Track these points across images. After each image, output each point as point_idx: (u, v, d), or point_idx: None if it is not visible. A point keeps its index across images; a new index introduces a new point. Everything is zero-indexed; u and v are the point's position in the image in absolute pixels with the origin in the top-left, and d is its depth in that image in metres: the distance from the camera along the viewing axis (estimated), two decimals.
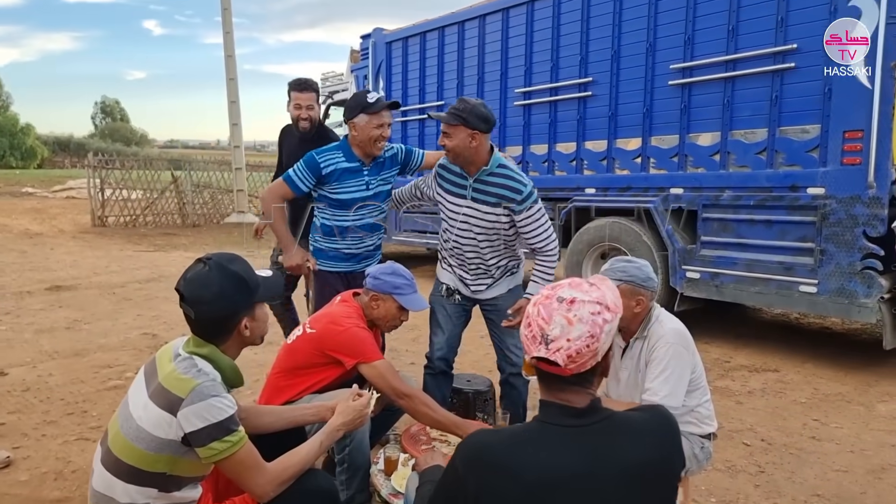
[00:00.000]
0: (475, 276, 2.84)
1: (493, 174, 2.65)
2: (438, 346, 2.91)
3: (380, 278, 2.44)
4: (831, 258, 4.26)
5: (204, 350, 1.64)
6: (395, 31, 7.85)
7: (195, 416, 1.50)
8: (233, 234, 13.97)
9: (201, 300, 1.61)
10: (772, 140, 4.54)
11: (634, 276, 2.21)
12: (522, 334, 1.21)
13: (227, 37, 15.61)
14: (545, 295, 1.21)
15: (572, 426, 1.16)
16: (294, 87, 3.62)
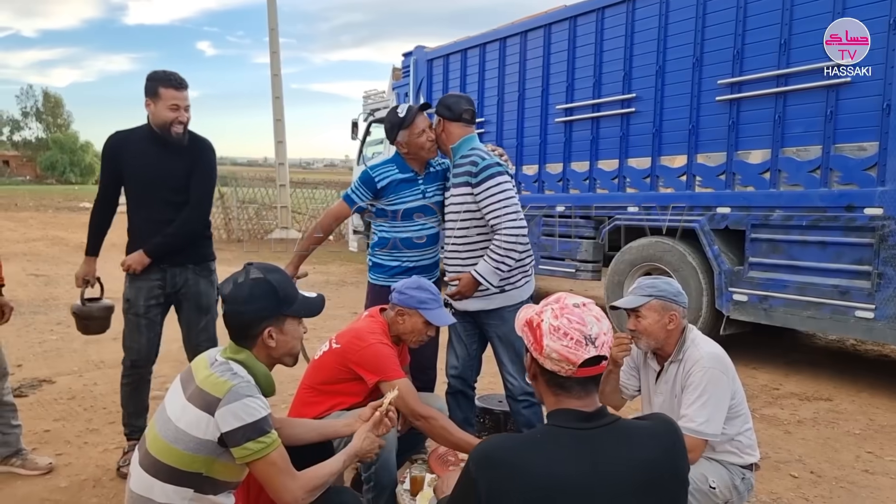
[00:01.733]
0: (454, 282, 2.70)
1: (464, 156, 2.67)
2: (452, 365, 2.85)
3: (405, 293, 2.41)
4: (890, 282, 4.02)
5: (240, 356, 1.70)
6: (436, 48, 7.92)
7: (231, 415, 1.55)
8: (275, 249, 14.24)
9: (232, 300, 1.70)
10: (826, 158, 4.35)
11: (665, 291, 2.12)
12: (560, 347, 1.23)
13: (273, 56, 16.08)
14: (557, 308, 1.26)
15: (581, 429, 1.21)
16: (166, 82, 2.83)
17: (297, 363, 1.85)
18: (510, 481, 1.13)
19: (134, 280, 2.92)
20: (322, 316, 1.89)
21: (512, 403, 2.76)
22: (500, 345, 2.70)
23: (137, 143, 2.91)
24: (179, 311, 3.04)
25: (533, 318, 1.29)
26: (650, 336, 2.15)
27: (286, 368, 1.84)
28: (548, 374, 1.26)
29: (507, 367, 2.70)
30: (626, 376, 2.38)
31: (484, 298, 2.64)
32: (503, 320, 2.65)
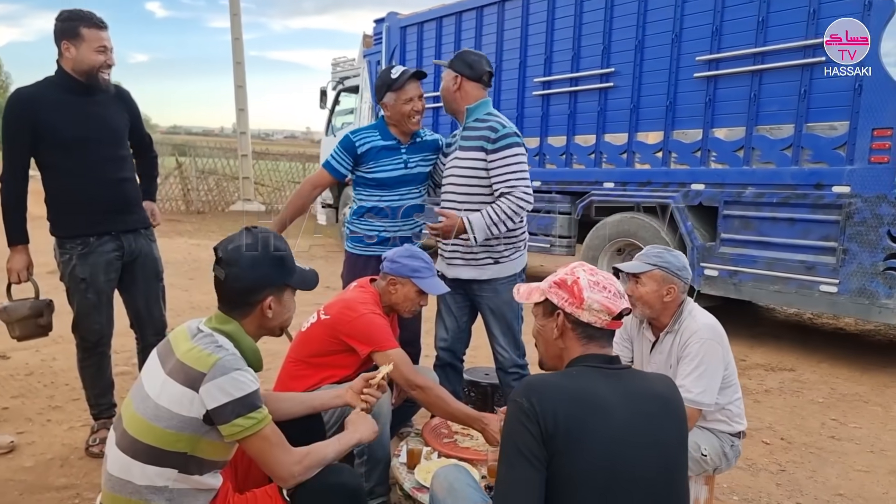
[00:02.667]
0: (452, 249, 2.65)
1: (480, 120, 2.61)
2: (441, 338, 2.82)
3: (398, 261, 2.36)
4: (854, 258, 4.18)
5: (228, 327, 1.59)
6: (410, 15, 7.74)
7: (218, 390, 1.45)
8: (239, 221, 13.89)
9: (236, 263, 1.59)
10: (798, 136, 4.46)
11: (669, 263, 2.14)
12: (602, 298, 1.37)
13: (234, 19, 15.48)
14: (587, 268, 1.43)
15: (608, 368, 1.37)
16: (89, 21, 2.53)
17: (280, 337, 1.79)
18: (556, 394, 1.27)
19: (86, 256, 2.63)
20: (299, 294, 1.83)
21: (502, 375, 2.76)
22: (491, 317, 2.68)
23: (56, 96, 2.53)
24: (133, 282, 2.80)
25: (564, 278, 1.42)
26: (646, 304, 2.17)
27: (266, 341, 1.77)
28: (581, 327, 1.39)
29: (499, 339, 2.69)
30: (618, 347, 2.40)
31: (477, 268, 2.61)
32: (496, 292, 2.63)
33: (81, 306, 2.70)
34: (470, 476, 1.64)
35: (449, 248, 2.66)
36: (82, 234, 2.63)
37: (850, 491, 2.76)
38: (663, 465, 1.30)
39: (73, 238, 2.63)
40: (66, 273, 2.66)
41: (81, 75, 2.55)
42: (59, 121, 2.53)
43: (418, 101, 2.72)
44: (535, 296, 1.48)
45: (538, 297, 1.46)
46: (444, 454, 2.10)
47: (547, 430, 1.23)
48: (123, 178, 2.71)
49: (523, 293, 1.53)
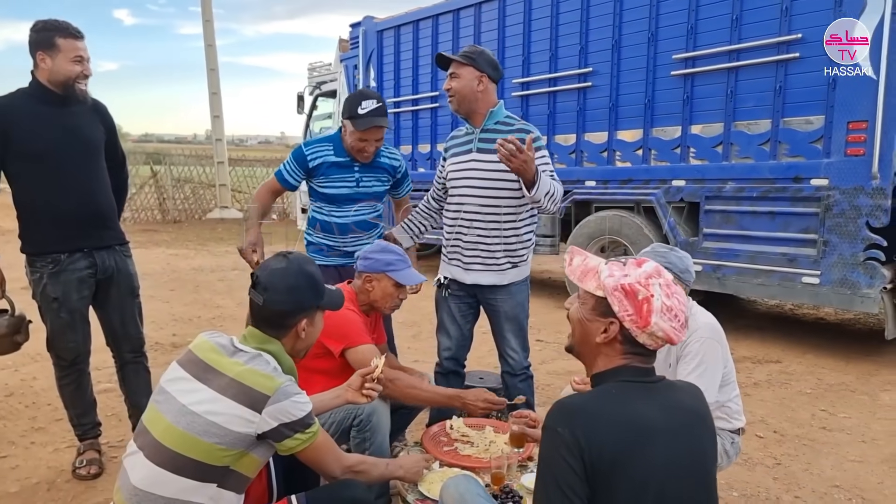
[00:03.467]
0: (472, 255, 2.59)
1: (502, 122, 2.57)
2: (445, 347, 2.78)
3: (371, 257, 2.35)
4: (834, 249, 4.26)
5: (271, 347, 1.67)
6: (386, 19, 7.71)
7: (282, 413, 1.54)
8: (216, 229, 13.71)
9: (275, 288, 1.67)
10: (775, 131, 4.53)
11: (672, 265, 2.14)
12: (668, 327, 1.26)
13: (206, 25, 15.28)
14: (664, 285, 1.28)
15: (649, 381, 1.29)
16: (65, 31, 2.46)
17: None
18: (602, 425, 1.18)
19: (57, 275, 2.54)
20: None
21: (509, 379, 2.73)
22: (505, 321, 2.65)
23: (30, 108, 2.46)
24: (107, 299, 2.73)
25: (636, 288, 1.26)
26: None
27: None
28: (632, 344, 1.28)
29: (511, 342, 2.67)
30: None
31: (497, 272, 2.59)
32: (511, 295, 2.63)
33: (55, 325, 2.62)
34: (479, 486, 1.63)
35: (468, 254, 2.62)
36: (53, 251, 2.55)
37: (846, 482, 2.79)
38: (703, 482, 1.26)
39: (43, 255, 2.55)
40: (38, 292, 2.59)
41: (57, 86, 2.49)
42: (33, 132, 2.45)
43: (373, 144, 2.70)
44: (590, 283, 1.32)
45: (594, 287, 1.31)
46: (445, 463, 2.07)
47: (592, 465, 1.14)
48: (97, 192, 2.63)
49: (577, 269, 1.35)
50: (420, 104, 7.28)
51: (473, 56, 2.53)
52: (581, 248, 1.46)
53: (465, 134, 2.67)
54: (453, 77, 2.54)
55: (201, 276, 7.89)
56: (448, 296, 2.72)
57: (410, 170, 7.63)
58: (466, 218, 2.60)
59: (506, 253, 2.58)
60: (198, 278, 7.69)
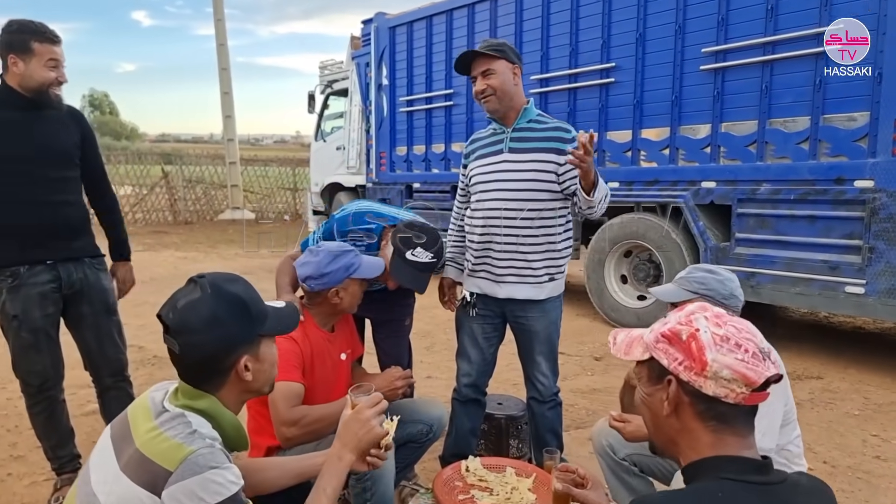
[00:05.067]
0: (506, 265, 2.32)
1: (535, 121, 2.33)
2: (465, 373, 2.51)
3: (326, 272, 2.05)
4: (881, 256, 3.93)
5: (201, 403, 1.25)
6: (398, 15, 7.46)
7: (186, 495, 1.11)
8: (227, 231, 13.57)
9: (188, 328, 1.24)
10: (815, 129, 4.20)
11: (714, 291, 1.86)
12: (735, 361, 0.99)
13: (218, 24, 15.16)
14: (711, 316, 1.04)
15: (758, 483, 0.98)
16: (41, 35, 2.29)
17: None
18: None
19: (17, 290, 2.32)
20: None
21: (536, 406, 2.47)
22: (536, 340, 2.39)
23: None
24: (80, 319, 2.49)
25: (677, 328, 1.04)
26: None
27: None
28: (704, 403, 1.01)
29: (541, 365, 2.41)
30: None
31: (535, 286, 2.33)
32: (545, 313, 2.36)
33: (17, 346, 2.39)
34: None
35: (501, 264, 2.35)
36: (12, 264, 2.32)
37: None
38: None
39: (1, 269, 2.32)
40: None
41: (29, 91, 2.30)
42: (5, 140, 2.27)
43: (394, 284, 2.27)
44: (636, 350, 1.10)
45: (640, 352, 1.09)
46: None
47: None
48: (65, 201, 2.41)
49: (621, 345, 1.14)
50: (434, 102, 7.03)
51: (503, 48, 2.28)
52: (621, 328, 1.21)
53: (492, 134, 2.41)
54: (488, 74, 2.26)
55: None
56: (475, 315, 2.45)
57: (424, 170, 7.46)
58: (499, 224, 2.33)
59: (545, 262, 2.33)
60: None
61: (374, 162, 8.05)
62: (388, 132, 7.73)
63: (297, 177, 17.08)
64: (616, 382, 4.11)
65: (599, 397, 3.85)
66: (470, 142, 2.51)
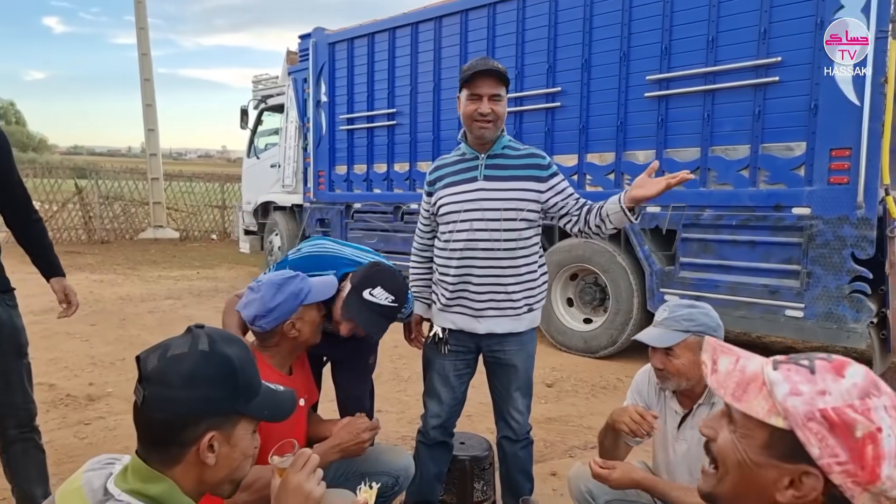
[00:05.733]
0: (485, 298, 2.19)
1: (509, 147, 2.24)
2: (433, 414, 2.33)
3: (277, 306, 1.84)
4: (818, 281, 4.08)
5: (155, 488, 1.03)
6: (339, 31, 7.27)
7: None
8: (149, 251, 12.76)
9: (162, 378, 1.05)
10: (754, 157, 4.34)
11: (704, 326, 1.79)
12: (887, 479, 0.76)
13: (140, 33, 14.39)
14: (892, 399, 0.79)
15: None
16: None
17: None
18: None
19: None
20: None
21: (508, 446, 2.32)
22: (514, 375, 2.25)
23: None
24: None
25: (851, 418, 0.77)
26: (682, 377, 1.81)
27: None
28: None
29: (517, 402, 2.27)
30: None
31: (514, 318, 2.21)
32: (522, 345, 2.24)
33: None
34: None
35: (481, 298, 2.20)
36: None
37: None
38: None
39: None
40: None
41: None
42: None
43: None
44: (757, 404, 0.83)
45: (765, 411, 0.82)
46: None
47: None
48: None
49: (729, 383, 0.87)
50: (376, 121, 6.85)
51: (507, 76, 2.17)
52: (719, 340, 0.96)
53: (461, 160, 2.26)
54: (497, 100, 2.13)
55: (129, 306, 7.11)
56: (446, 352, 2.29)
57: (365, 190, 7.25)
58: (478, 256, 2.18)
59: (525, 294, 2.21)
60: (125, 310, 6.92)
61: (311, 181, 7.76)
62: (327, 150, 7.48)
63: (225, 193, 16.35)
64: (570, 410, 4.03)
65: (555, 427, 3.75)
66: (434, 168, 2.36)
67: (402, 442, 3.48)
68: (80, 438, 3.50)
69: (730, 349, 0.92)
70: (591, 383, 4.58)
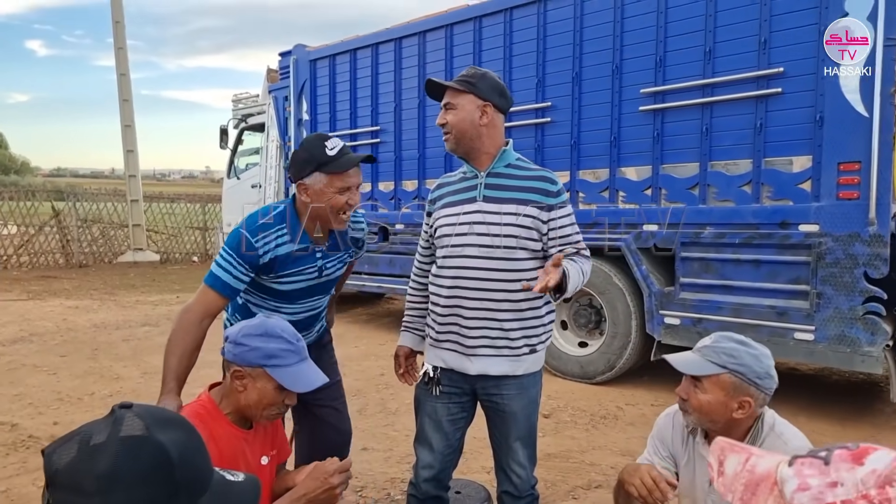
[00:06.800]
0: (478, 334, 1.94)
1: (514, 166, 1.99)
2: (425, 465, 2.05)
3: (243, 343, 1.59)
4: (829, 302, 3.85)
5: None
6: (320, 47, 7.05)
7: None
8: (128, 275, 12.36)
9: (70, 484, 0.80)
10: (757, 172, 4.14)
11: (747, 367, 1.54)
12: None
13: (119, 53, 14.12)
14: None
15: None
16: None
17: None
18: None
19: None
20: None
21: (509, 501, 2.03)
22: (513, 423, 1.98)
23: None
24: None
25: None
26: (703, 415, 1.56)
27: None
28: None
29: (517, 453, 1.99)
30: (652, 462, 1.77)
31: (512, 359, 1.95)
32: (523, 390, 1.97)
33: None
34: None
35: (473, 334, 1.95)
36: None
37: None
38: None
39: None
40: None
41: None
42: None
43: (356, 194, 1.99)
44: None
45: None
46: None
47: None
48: None
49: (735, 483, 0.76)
50: (360, 139, 6.60)
51: (474, 81, 1.94)
52: (729, 440, 0.83)
53: (463, 179, 2.04)
54: (448, 109, 1.95)
55: (103, 334, 6.74)
56: (438, 393, 2.01)
57: None
58: (469, 286, 1.93)
59: (523, 332, 1.95)
60: (98, 338, 6.55)
61: None
62: None
63: (207, 214, 15.98)
64: (571, 444, 3.74)
65: (556, 464, 3.45)
66: (437, 186, 2.13)
67: (391, 485, 3.19)
68: (38, 486, 3.17)
69: (741, 448, 0.83)
70: (591, 413, 4.30)
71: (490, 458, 3.28)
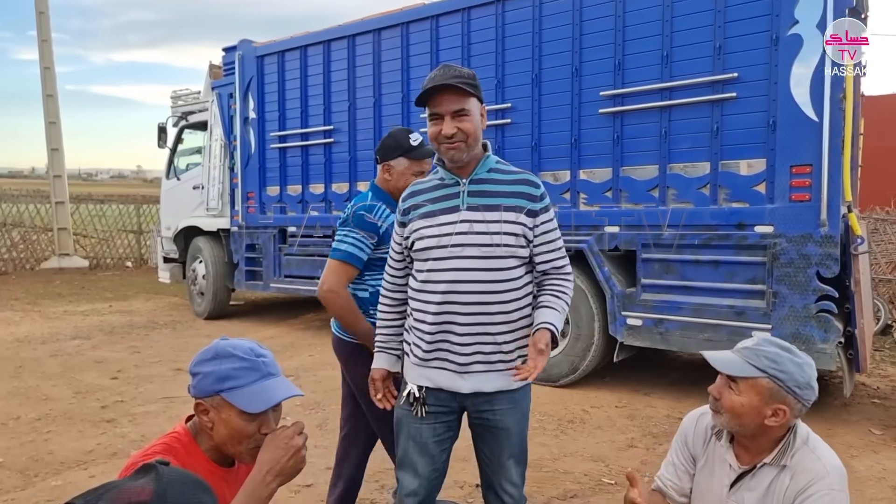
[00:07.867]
0: (471, 351, 1.84)
1: (496, 170, 1.90)
2: (410, 491, 1.91)
3: (197, 372, 1.43)
4: (784, 301, 3.97)
5: None
6: (267, 43, 6.77)
7: None
8: (53, 282, 11.55)
9: None
10: (715, 174, 4.23)
11: (788, 375, 1.48)
12: None
13: (43, 45, 13.21)
14: None
15: None
16: None
17: None
18: None
19: None
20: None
21: None
22: (506, 440, 1.87)
23: None
24: None
25: None
26: (734, 418, 1.51)
27: None
28: None
29: (509, 471, 1.88)
30: (671, 470, 1.72)
31: (507, 375, 1.83)
32: (514, 404, 1.87)
33: None
34: None
35: (466, 351, 1.83)
36: None
37: None
38: None
39: None
40: None
41: None
42: None
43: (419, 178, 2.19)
44: None
45: None
46: None
47: None
48: None
49: None
50: (312, 139, 6.38)
51: (475, 82, 1.83)
52: None
53: (440, 186, 1.89)
54: (461, 116, 1.78)
55: (27, 350, 6.22)
56: (424, 414, 1.88)
57: (300, 213, 6.76)
58: (462, 300, 1.81)
59: (517, 343, 1.86)
60: (21, 354, 6.03)
61: (239, 203, 7.16)
62: (257, 170, 6.92)
63: (141, 217, 15.18)
64: (542, 452, 3.68)
65: (530, 474, 3.29)
66: (408, 194, 1.96)
67: None
68: None
69: None
70: (558, 417, 4.28)
71: (463, 470, 3.18)
